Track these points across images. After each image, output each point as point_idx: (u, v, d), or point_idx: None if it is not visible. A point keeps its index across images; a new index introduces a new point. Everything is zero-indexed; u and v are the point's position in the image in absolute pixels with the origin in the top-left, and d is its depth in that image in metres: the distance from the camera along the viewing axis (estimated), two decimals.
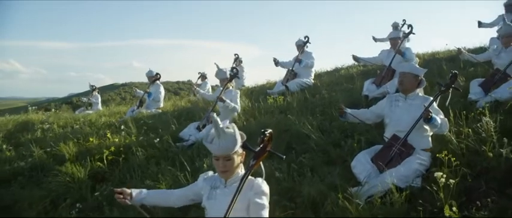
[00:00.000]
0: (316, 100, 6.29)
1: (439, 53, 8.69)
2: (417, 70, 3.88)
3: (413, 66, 3.90)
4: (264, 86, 9.30)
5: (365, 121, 4.17)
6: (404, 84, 3.86)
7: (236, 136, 2.43)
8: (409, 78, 3.86)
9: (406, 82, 3.86)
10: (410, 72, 3.85)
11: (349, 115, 4.10)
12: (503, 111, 4.47)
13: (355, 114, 4.10)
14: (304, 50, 8.10)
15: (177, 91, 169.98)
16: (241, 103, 6.66)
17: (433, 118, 3.52)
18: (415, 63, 6.34)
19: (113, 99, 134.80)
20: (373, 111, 4.12)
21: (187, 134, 5.97)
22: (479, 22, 8.78)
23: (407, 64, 3.93)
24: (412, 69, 3.87)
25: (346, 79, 7.96)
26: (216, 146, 2.42)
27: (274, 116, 5.97)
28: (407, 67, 3.88)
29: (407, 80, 3.85)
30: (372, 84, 6.43)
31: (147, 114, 8.08)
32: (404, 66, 3.94)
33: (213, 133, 2.45)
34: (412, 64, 3.93)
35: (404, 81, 3.86)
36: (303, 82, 7.89)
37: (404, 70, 3.88)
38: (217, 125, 2.40)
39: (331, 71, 9.82)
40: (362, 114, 4.15)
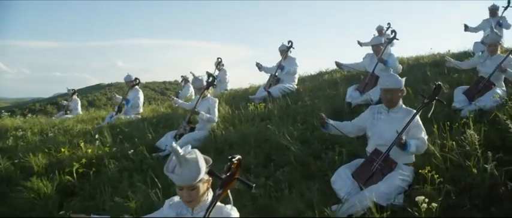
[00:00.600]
0: (298, 108, 6.10)
1: (423, 57, 8.59)
2: (402, 84, 3.73)
3: (399, 81, 3.73)
4: (247, 91, 9.09)
5: (347, 134, 3.98)
6: (393, 101, 3.71)
7: (199, 163, 2.19)
8: (396, 93, 3.71)
9: (394, 98, 3.71)
10: (397, 87, 3.69)
11: (331, 126, 3.91)
12: (487, 121, 4.35)
13: (337, 126, 3.91)
14: (287, 55, 7.93)
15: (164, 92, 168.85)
16: (221, 110, 6.46)
17: (407, 146, 3.37)
18: (398, 69, 6.23)
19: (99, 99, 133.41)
20: (355, 124, 3.94)
21: (164, 143, 5.74)
22: (466, 25, 8.74)
23: (393, 79, 3.74)
24: (398, 84, 3.71)
25: (329, 84, 7.80)
26: (178, 176, 2.17)
27: (255, 124, 5.78)
28: (394, 82, 3.71)
29: (395, 96, 3.71)
30: (355, 91, 6.27)
31: (125, 121, 7.82)
32: (390, 80, 3.74)
33: (174, 161, 2.20)
34: (397, 79, 3.75)
35: (393, 98, 3.70)
36: (285, 88, 7.71)
37: (391, 86, 3.70)
38: (177, 153, 2.13)
39: (315, 75, 9.66)
40: (344, 126, 3.96)
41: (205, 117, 5.74)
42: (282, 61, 7.89)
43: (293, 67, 7.76)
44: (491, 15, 8.57)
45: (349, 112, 5.68)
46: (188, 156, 2.16)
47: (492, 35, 5.42)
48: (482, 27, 8.72)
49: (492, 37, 5.42)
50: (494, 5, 8.54)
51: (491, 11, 8.56)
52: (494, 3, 8.56)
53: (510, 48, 8.31)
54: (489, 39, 5.48)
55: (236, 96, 8.66)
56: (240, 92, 9.29)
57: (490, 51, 5.43)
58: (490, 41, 5.46)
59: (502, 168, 3.35)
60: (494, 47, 5.40)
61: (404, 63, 8.20)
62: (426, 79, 6.58)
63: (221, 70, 10.98)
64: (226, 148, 5.16)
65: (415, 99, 5.49)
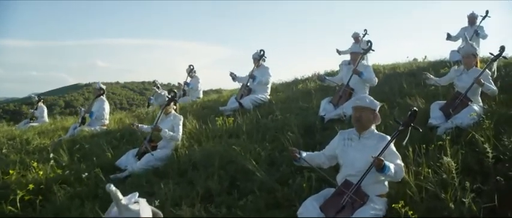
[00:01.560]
0: (269, 123, 5.77)
1: (400, 66, 8.38)
2: (376, 105, 3.41)
3: (372, 101, 3.42)
4: (217, 101, 8.73)
5: (321, 166, 3.61)
6: (362, 120, 3.38)
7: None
8: (367, 114, 3.38)
9: (364, 118, 3.38)
10: (369, 107, 3.38)
11: (303, 160, 3.52)
12: (464, 143, 4.10)
13: (310, 159, 3.53)
14: (260, 64, 7.60)
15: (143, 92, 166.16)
16: (188, 124, 6.08)
17: (386, 168, 3.05)
18: (373, 82, 5.96)
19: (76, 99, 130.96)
20: (326, 155, 3.59)
21: (124, 163, 5.34)
22: (448, 34, 8.57)
23: (366, 98, 3.44)
24: (371, 104, 3.40)
25: (303, 95, 7.51)
26: None
27: (222, 141, 5.43)
28: (366, 101, 3.40)
29: (365, 116, 3.38)
30: (329, 104, 5.99)
31: (89, 133, 7.38)
32: (362, 99, 3.44)
33: (115, 211, 1.77)
34: (371, 99, 3.45)
35: (362, 117, 3.38)
36: (257, 99, 7.38)
37: (362, 104, 3.39)
38: (117, 201, 1.72)
39: (289, 83, 9.36)
40: (317, 158, 3.60)
41: (168, 135, 5.35)
42: (254, 70, 7.56)
43: (265, 77, 7.44)
44: (469, 23, 8.43)
45: (321, 128, 5.39)
46: (131, 207, 1.74)
47: (467, 47, 5.20)
48: (460, 35, 8.57)
49: (467, 49, 5.21)
50: (473, 13, 8.40)
51: (470, 19, 8.42)
52: (473, 12, 8.43)
53: (487, 56, 8.19)
54: (464, 51, 5.26)
55: (207, 106, 8.29)
56: (211, 102, 8.91)
57: (465, 63, 5.21)
58: (464, 53, 5.24)
59: (481, 200, 3.12)
60: (469, 59, 5.17)
61: (380, 72, 7.98)
62: (402, 92, 6.35)
63: (194, 77, 10.57)
64: (190, 170, 4.80)
65: (391, 116, 5.23)
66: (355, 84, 5.97)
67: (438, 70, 7.23)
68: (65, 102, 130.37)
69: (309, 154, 3.56)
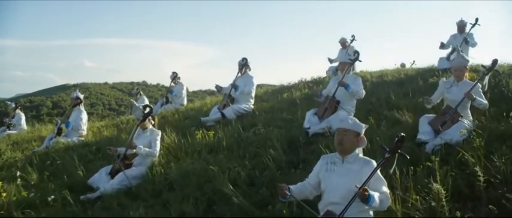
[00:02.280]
0: (250, 137, 5.50)
1: (387, 73, 8.16)
2: (360, 127, 3.15)
3: (356, 123, 3.16)
4: (200, 110, 8.43)
5: (308, 197, 3.32)
6: (344, 144, 3.12)
7: None
8: (350, 137, 3.12)
9: (346, 142, 3.11)
10: (352, 129, 3.12)
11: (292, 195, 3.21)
12: (454, 163, 3.88)
13: (298, 193, 3.21)
14: (244, 72, 7.33)
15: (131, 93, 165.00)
16: (166, 138, 5.79)
17: (371, 198, 2.80)
18: (360, 94, 5.72)
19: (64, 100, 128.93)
20: (311, 184, 3.28)
21: (97, 182, 5.02)
22: (442, 43, 8.42)
23: (349, 120, 3.18)
24: (354, 126, 3.13)
25: (288, 104, 7.25)
26: None
27: (202, 156, 5.15)
28: (349, 123, 3.14)
29: (348, 140, 3.12)
30: (314, 116, 5.74)
31: (65, 145, 7.05)
32: (344, 120, 3.18)
33: None
34: (354, 120, 3.19)
35: (344, 140, 3.12)
36: (240, 109, 7.10)
37: (344, 126, 3.13)
38: None
39: (275, 90, 9.09)
40: (304, 190, 3.29)
41: (144, 152, 5.05)
42: (236, 79, 7.28)
43: (248, 86, 7.17)
44: (459, 30, 8.28)
45: (305, 143, 5.13)
46: None
47: (458, 59, 4.98)
48: (450, 43, 8.43)
49: (458, 61, 4.99)
50: (462, 20, 8.25)
51: (459, 26, 8.26)
52: (462, 19, 8.27)
53: (475, 64, 8.02)
54: (455, 63, 5.04)
55: (189, 115, 7.98)
56: (195, 110, 8.61)
57: (456, 76, 4.99)
58: (456, 65, 5.02)
59: None
60: (460, 71, 4.96)
61: (367, 80, 7.75)
62: (390, 103, 6.12)
63: (178, 84, 10.27)
64: (165, 190, 4.51)
65: (378, 130, 5.01)
66: (342, 96, 5.73)
67: (427, 79, 7.04)
68: (52, 102, 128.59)
69: (297, 188, 3.26)
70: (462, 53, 5.08)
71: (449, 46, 8.42)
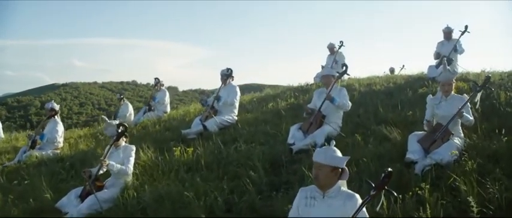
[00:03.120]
0: (231, 154, 5.21)
1: (375, 82, 7.91)
2: (337, 162, 2.86)
3: (333, 157, 2.86)
4: (183, 119, 8.13)
5: None
6: (320, 180, 2.84)
7: None
8: (325, 172, 2.83)
9: (322, 177, 2.83)
10: (328, 164, 2.83)
11: None
12: (445, 188, 3.64)
13: None
14: (227, 82, 7.04)
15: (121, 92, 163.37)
16: (142, 155, 5.47)
17: None
18: (346, 107, 5.46)
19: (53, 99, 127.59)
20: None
21: (66, 205, 4.68)
22: (438, 53, 8.18)
23: (324, 154, 2.88)
24: (331, 161, 2.84)
25: (272, 116, 6.98)
26: None
27: (178, 177, 4.85)
28: (323, 157, 2.84)
29: (323, 175, 2.83)
30: (299, 131, 5.47)
31: (38, 158, 6.71)
32: (319, 154, 2.89)
33: None
34: (330, 153, 2.88)
35: (320, 176, 2.83)
36: (223, 121, 6.81)
37: (319, 160, 2.84)
38: None
39: (261, 99, 8.79)
40: None
41: (116, 169, 4.71)
42: (220, 89, 6.99)
43: (231, 97, 6.88)
44: (445, 38, 8.09)
45: (289, 161, 4.86)
46: None
47: (445, 74, 4.77)
48: (438, 50, 8.22)
49: (445, 75, 4.77)
50: (448, 27, 8.05)
51: (445, 33, 8.07)
52: (448, 25, 8.07)
53: (465, 72, 7.82)
54: (442, 78, 4.82)
55: (171, 126, 7.66)
56: (178, 120, 8.30)
57: (444, 91, 4.76)
58: (443, 80, 4.79)
59: None
60: (448, 86, 4.74)
61: (355, 89, 7.49)
62: (378, 116, 5.88)
63: (160, 90, 9.94)
64: (138, 216, 4.21)
65: (365, 148, 4.75)
66: (328, 110, 5.48)
67: (416, 89, 6.80)
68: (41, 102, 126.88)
69: None
70: (448, 67, 4.85)
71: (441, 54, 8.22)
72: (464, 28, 7.88)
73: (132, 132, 7.76)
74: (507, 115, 5.22)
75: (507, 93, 5.87)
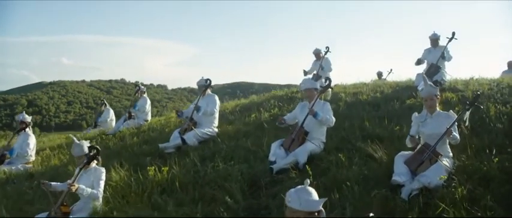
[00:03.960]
0: (209, 173, 4.90)
1: (362, 91, 7.64)
2: (313, 206, 2.57)
3: (306, 202, 2.55)
4: (162, 130, 7.80)
5: None
6: None
7: None
8: None
9: None
10: (303, 210, 2.54)
11: None
12: None
13: None
14: (206, 93, 6.74)
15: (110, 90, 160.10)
16: (114, 176, 5.15)
17: None
18: (330, 122, 5.19)
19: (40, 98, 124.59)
20: None
21: None
22: (419, 60, 8.01)
23: (298, 199, 2.59)
24: (304, 206, 2.55)
25: (255, 128, 6.68)
26: None
27: (151, 200, 4.54)
28: (298, 203, 2.55)
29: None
30: (280, 148, 5.18)
31: (6, 174, 6.36)
32: (293, 199, 2.59)
33: None
34: (305, 198, 2.58)
35: None
36: (203, 134, 6.51)
37: (293, 206, 2.55)
38: None
39: (244, 107, 8.48)
40: None
41: (86, 193, 4.38)
42: (199, 100, 6.69)
43: (211, 107, 6.58)
44: (432, 45, 7.88)
45: (269, 182, 4.59)
46: None
47: (427, 88, 4.49)
48: (425, 57, 8.03)
49: (427, 90, 4.49)
50: (435, 33, 7.85)
51: (432, 40, 7.87)
52: (434, 32, 7.87)
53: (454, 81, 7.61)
54: (424, 93, 4.53)
55: (150, 139, 7.33)
56: (157, 131, 7.97)
57: (428, 106, 4.50)
58: (425, 95, 4.51)
59: None
60: (431, 101, 4.47)
61: (340, 99, 7.23)
62: (363, 129, 5.62)
63: (141, 98, 9.60)
64: None
65: (350, 168, 4.48)
66: (311, 126, 5.20)
67: (404, 100, 6.56)
68: (27, 100, 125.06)
69: None
70: (430, 83, 4.57)
71: (424, 61, 8.03)
72: (451, 34, 7.68)
73: (109, 145, 7.43)
74: (497, 131, 4.99)
75: (497, 106, 5.65)
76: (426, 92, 4.51)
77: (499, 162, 4.14)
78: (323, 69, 9.36)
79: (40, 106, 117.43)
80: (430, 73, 7.59)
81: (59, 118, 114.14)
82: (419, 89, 4.52)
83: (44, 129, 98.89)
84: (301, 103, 5.57)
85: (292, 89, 9.71)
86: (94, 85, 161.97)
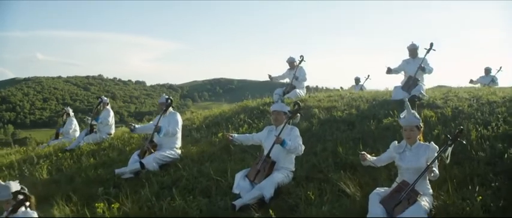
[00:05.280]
0: (164, 212, 4.38)
1: (337, 107, 7.18)
2: None
3: None
4: (123, 149, 7.20)
5: None
6: None
7: None
8: None
9: None
10: None
11: None
12: None
13: None
14: (168, 111, 6.19)
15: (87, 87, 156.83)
16: (56, 214, 4.56)
17: None
18: (298, 151, 4.70)
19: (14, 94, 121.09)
20: None
21: None
22: (389, 69, 7.66)
23: None
24: None
25: (221, 149, 6.17)
26: None
27: None
28: None
29: None
30: (245, 179, 4.69)
31: None
32: None
33: None
34: None
35: None
36: (164, 157, 5.96)
37: None
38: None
39: (212, 121, 7.94)
40: None
41: None
42: (159, 119, 6.13)
43: (173, 126, 6.04)
44: (411, 55, 7.50)
45: None
46: None
47: (409, 117, 4.01)
48: (402, 67, 7.64)
49: (409, 119, 4.01)
50: (413, 44, 7.46)
51: (410, 51, 7.49)
52: (413, 42, 7.49)
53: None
54: (404, 121, 4.04)
55: (108, 161, 6.72)
56: (118, 149, 7.37)
57: (407, 137, 4.03)
58: (405, 124, 4.04)
59: None
60: (411, 132, 4.00)
61: (314, 115, 6.76)
62: (336, 156, 5.16)
63: (104, 110, 8.96)
64: None
65: (319, 208, 4.02)
66: (278, 154, 4.71)
67: (380, 119, 6.13)
68: (1, 97, 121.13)
69: None
70: (413, 111, 4.10)
71: (400, 71, 7.65)
72: (429, 45, 7.32)
73: (63, 166, 6.81)
74: (479, 159, 4.60)
75: (478, 128, 5.28)
76: (407, 121, 4.04)
77: (482, 200, 3.76)
78: (297, 79, 8.90)
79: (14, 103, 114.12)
80: (408, 86, 7.22)
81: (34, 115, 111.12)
82: (401, 116, 4.03)
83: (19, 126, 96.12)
84: (268, 127, 5.07)
85: (264, 99, 9.22)
86: (71, 81, 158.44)
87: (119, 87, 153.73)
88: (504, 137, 5.03)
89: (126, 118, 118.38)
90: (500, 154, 4.67)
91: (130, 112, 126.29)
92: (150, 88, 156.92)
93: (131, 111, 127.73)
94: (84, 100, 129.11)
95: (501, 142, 4.89)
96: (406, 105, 4.08)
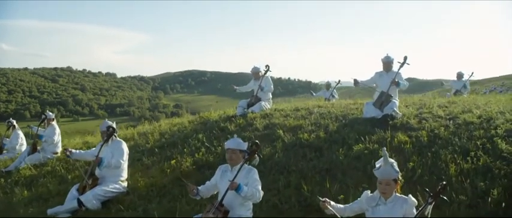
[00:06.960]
0: None
1: (303, 127, 6.55)
2: None
3: None
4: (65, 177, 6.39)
5: None
6: None
7: None
8: None
9: None
10: None
11: None
12: None
13: None
14: (111, 140, 5.42)
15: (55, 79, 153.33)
16: None
17: None
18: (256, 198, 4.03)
19: None
20: None
21: None
22: (356, 81, 7.12)
23: None
24: None
25: (173, 181, 5.46)
26: None
27: None
28: None
29: None
30: None
31: None
32: None
33: None
34: None
35: None
36: (106, 192, 5.22)
37: None
38: None
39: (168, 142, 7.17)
40: None
41: None
42: (100, 150, 5.34)
43: (116, 157, 5.29)
44: (385, 69, 6.93)
45: None
46: None
47: (386, 168, 3.40)
48: (374, 80, 7.09)
49: (385, 171, 3.41)
50: (388, 56, 6.90)
51: (384, 64, 6.92)
52: (388, 55, 6.92)
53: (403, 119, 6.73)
54: (380, 173, 3.43)
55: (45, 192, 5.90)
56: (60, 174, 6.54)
57: (382, 191, 3.43)
58: (381, 176, 3.43)
59: None
60: (387, 186, 3.39)
61: (279, 140, 6.10)
62: (301, 196, 4.55)
63: (49, 126, 8.09)
64: None
65: None
66: (232, 201, 4.04)
67: (351, 145, 5.53)
68: None
69: None
70: (392, 160, 3.51)
71: (371, 84, 7.11)
72: (403, 59, 6.79)
73: None
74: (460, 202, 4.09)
75: (456, 158, 4.78)
76: (383, 174, 3.41)
77: None
78: (263, 90, 8.25)
79: None
80: (380, 102, 6.67)
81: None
82: (376, 165, 3.43)
83: None
84: (222, 167, 4.35)
85: (227, 111, 8.53)
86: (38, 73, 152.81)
87: (89, 79, 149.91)
88: (485, 171, 4.55)
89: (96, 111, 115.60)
90: (482, 193, 4.19)
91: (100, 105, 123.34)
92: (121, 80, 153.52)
93: (101, 103, 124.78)
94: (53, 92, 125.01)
95: (482, 177, 4.41)
96: (383, 153, 3.46)
